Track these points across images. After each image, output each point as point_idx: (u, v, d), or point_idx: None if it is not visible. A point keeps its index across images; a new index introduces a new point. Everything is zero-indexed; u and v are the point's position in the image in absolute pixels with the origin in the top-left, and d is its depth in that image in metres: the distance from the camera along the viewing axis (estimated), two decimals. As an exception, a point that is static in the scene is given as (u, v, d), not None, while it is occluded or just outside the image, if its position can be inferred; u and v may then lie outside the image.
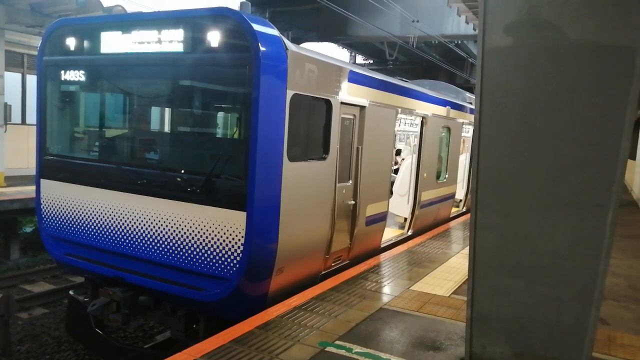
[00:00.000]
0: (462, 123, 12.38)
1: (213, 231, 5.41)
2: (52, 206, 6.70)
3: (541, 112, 3.45)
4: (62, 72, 6.58)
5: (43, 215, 6.81)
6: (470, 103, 13.42)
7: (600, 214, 3.33)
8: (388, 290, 6.19)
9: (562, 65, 3.37)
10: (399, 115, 8.56)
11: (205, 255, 5.48)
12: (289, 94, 5.52)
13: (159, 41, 5.68)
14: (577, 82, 3.33)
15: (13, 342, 7.74)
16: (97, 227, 6.28)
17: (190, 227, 5.54)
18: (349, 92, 6.77)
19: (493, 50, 3.53)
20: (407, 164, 10.58)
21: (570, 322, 3.56)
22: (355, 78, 6.94)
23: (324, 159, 6.38)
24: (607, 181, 3.29)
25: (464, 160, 13.62)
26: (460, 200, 13.88)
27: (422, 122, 9.77)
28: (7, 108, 13.30)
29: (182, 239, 5.61)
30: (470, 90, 18.15)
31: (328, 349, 4.45)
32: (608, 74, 3.23)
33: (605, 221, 3.33)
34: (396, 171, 11.16)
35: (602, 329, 5.24)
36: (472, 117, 12.42)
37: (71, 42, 6.38)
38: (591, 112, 3.31)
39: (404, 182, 10.40)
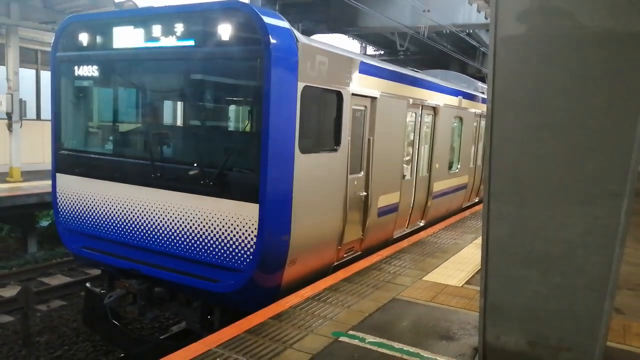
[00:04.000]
0: (475, 113, 12.29)
1: (226, 223, 5.46)
2: (68, 200, 6.80)
3: (554, 101, 3.42)
4: (76, 67, 6.65)
5: (59, 209, 6.92)
6: (483, 93, 13.30)
7: (615, 203, 3.30)
8: (400, 281, 6.20)
9: (575, 53, 3.33)
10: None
11: (219, 247, 5.54)
12: (300, 86, 5.53)
13: (170, 35, 5.71)
14: (590, 70, 3.29)
15: (32, 334, 7.90)
16: (112, 220, 6.37)
17: (204, 219, 5.59)
18: (360, 84, 6.75)
19: (505, 39, 3.50)
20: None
21: (584, 312, 3.54)
22: (366, 69, 6.92)
23: (336, 150, 6.39)
24: (622, 169, 3.26)
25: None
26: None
27: (434, 112, 9.72)
28: (22, 104, 13.47)
29: (196, 232, 5.67)
30: (482, 79, 17.98)
31: (341, 338, 4.49)
32: (622, 62, 3.19)
33: (620, 210, 3.29)
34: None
35: (617, 318, 5.21)
36: (484, 107, 12.31)
37: (83, 38, 6.45)
38: (605, 100, 3.27)
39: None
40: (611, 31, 3.17)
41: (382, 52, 29.59)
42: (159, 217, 5.95)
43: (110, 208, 6.37)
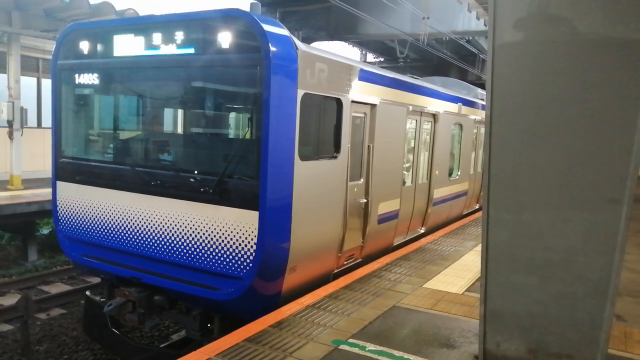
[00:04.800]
0: (474, 120, 12.31)
1: (226, 231, 5.46)
2: (68, 208, 6.80)
3: (552, 107, 3.43)
4: (76, 75, 6.68)
5: (59, 217, 6.92)
6: (482, 99, 13.33)
7: (614, 209, 3.30)
8: (401, 288, 6.18)
9: (574, 60, 3.34)
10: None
11: (219, 254, 5.53)
12: (300, 93, 5.55)
13: (171, 43, 5.73)
14: (588, 77, 3.31)
15: (32, 342, 7.87)
16: (112, 229, 6.37)
17: (204, 227, 5.59)
18: (359, 91, 6.77)
19: (503, 46, 3.52)
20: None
21: (584, 318, 3.53)
22: (365, 76, 6.94)
23: (335, 157, 6.39)
24: (621, 176, 3.26)
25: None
26: None
27: (433, 119, 9.74)
28: (23, 112, 13.50)
29: (196, 239, 5.66)
30: (482, 86, 18.00)
31: (341, 347, 4.47)
32: (620, 68, 3.20)
33: (619, 216, 3.29)
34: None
35: (618, 325, 5.18)
36: (484, 114, 12.33)
37: (84, 46, 6.47)
38: (603, 106, 3.28)
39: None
40: (608, 38, 3.19)
41: (382, 59, 29.71)
42: (158, 225, 5.94)
43: (110, 216, 6.37)
